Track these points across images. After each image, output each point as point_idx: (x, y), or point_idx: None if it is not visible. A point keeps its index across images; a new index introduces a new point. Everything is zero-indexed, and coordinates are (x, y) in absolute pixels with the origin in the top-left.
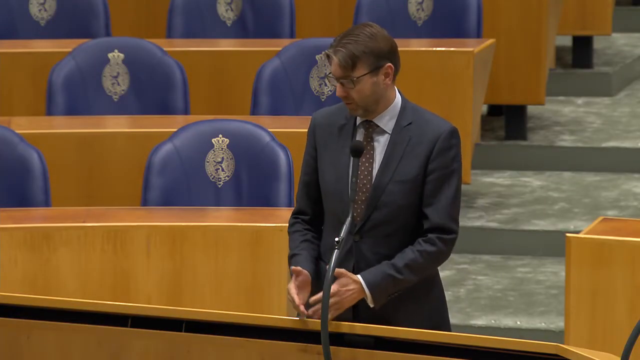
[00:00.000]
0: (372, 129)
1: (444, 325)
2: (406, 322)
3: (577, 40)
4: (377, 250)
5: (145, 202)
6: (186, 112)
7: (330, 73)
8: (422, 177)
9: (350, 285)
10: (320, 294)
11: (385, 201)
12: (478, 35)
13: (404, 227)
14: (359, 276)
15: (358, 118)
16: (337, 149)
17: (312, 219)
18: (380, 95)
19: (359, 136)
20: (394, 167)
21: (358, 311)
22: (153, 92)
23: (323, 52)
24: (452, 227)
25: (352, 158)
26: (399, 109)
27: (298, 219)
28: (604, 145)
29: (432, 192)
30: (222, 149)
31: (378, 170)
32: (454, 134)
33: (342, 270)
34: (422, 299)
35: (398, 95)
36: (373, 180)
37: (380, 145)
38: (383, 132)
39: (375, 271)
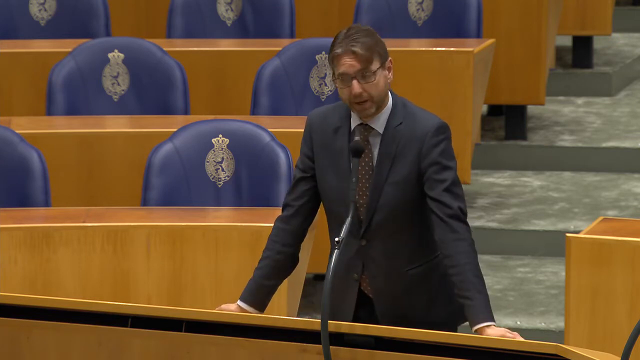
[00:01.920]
0: (367, 132)
1: (460, 313)
2: (421, 316)
3: (577, 40)
4: (384, 250)
5: (145, 202)
6: (186, 112)
7: (336, 75)
8: (416, 174)
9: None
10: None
11: (383, 203)
12: (478, 35)
13: (407, 223)
14: (487, 323)
15: (353, 121)
16: (336, 152)
17: (294, 215)
18: (387, 91)
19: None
20: (387, 168)
21: (366, 314)
22: (153, 92)
23: (330, 53)
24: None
25: (352, 158)
26: (390, 110)
27: (282, 216)
28: (604, 145)
29: (438, 187)
30: (222, 149)
31: (374, 173)
32: (440, 129)
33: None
34: (437, 292)
35: (389, 95)
36: (370, 183)
37: (376, 147)
38: (377, 134)
39: (481, 307)
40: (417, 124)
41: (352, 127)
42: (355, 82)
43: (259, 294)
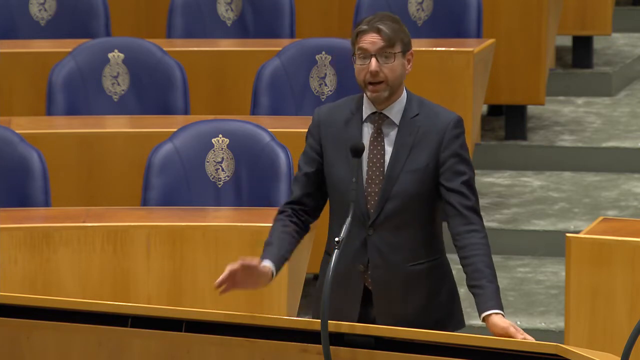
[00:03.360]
0: (381, 120)
1: (455, 318)
2: (415, 315)
3: (577, 40)
4: (390, 241)
5: (145, 202)
6: (186, 112)
7: (356, 52)
8: (434, 166)
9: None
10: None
11: (398, 191)
12: (478, 35)
13: (416, 216)
14: (494, 311)
15: (365, 111)
16: (347, 142)
17: (304, 211)
18: (402, 80)
19: (368, 129)
20: (404, 157)
21: (367, 308)
22: (153, 92)
23: (354, 30)
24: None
25: (352, 158)
26: (405, 101)
27: (289, 208)
28: (604, 145)
29: (458, 179)
30: (222, 149)
31: (389, 162)
32: (459, 123)
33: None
34: (433, 293)
35: (404, 89)
36: (385, 171)
37: (390, 136)
38: (392, 123)
39: (490, 295)
40: (437, 116)
41: (364, 117)
42: (374, 59)
43: (280, 250)
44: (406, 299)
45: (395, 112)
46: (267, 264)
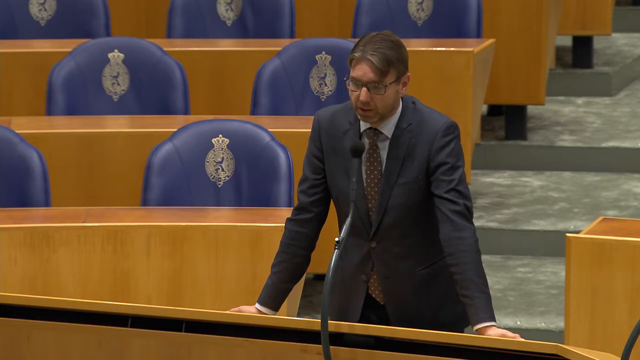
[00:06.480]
0: (376, 136)
1: (465, 316)
2: (433, 316)
3: (577, 40)
4: (392, 250)
5: (145, 202)
6: (186, 112)
7: (347, 77)
8: (424, 176)
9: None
10: None
11: (393, 204)
12: (478, 35)
13: (416, 224)
14: (488, 323)
15: (362, 125)
16: (345, 154)
17: (311, 219)
18: (394, 104)
19: (365, 142)
20: (397, 170)
21: (385, 311)
22: (153, 92)
23: (350, 52)
24: (470, 210)
25: (352, 158)
26: (400, 113)
27: (296, 219)
28: (604, 145)
29: (445, 186)
30: (222, 149)
31: (383, 175)
32: (449, 129)
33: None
34: (447, 291)
35: (400, 100)
36: (380, 185)
37: (385, 149)
38: (386, 138)
39: (483, 306)
40: (426, 126)
41: (362, 130)
42: (364, 89)
43: (277, 297)
44: (419, 303)
45: (389, 127)
46: (267, 312)
